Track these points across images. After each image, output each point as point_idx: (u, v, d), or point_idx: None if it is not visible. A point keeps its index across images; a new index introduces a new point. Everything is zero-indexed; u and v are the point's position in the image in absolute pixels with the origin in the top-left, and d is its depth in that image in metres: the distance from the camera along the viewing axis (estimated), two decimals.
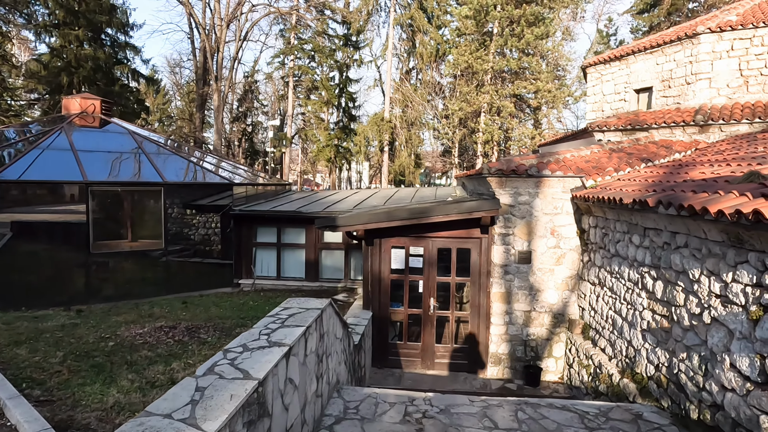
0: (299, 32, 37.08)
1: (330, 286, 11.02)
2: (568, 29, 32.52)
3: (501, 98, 25.10)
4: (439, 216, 7.58)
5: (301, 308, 4.72)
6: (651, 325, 5.33)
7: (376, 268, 8.32)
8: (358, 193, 13.72)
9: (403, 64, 37.77)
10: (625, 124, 11.67)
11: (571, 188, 7.72)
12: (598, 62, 14.06)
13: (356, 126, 37.79)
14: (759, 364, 3.54)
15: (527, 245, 7.88)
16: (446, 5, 33.92)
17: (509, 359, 8.08)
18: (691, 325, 4.52)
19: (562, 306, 7.93)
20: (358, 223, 7.66)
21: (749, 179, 4.35)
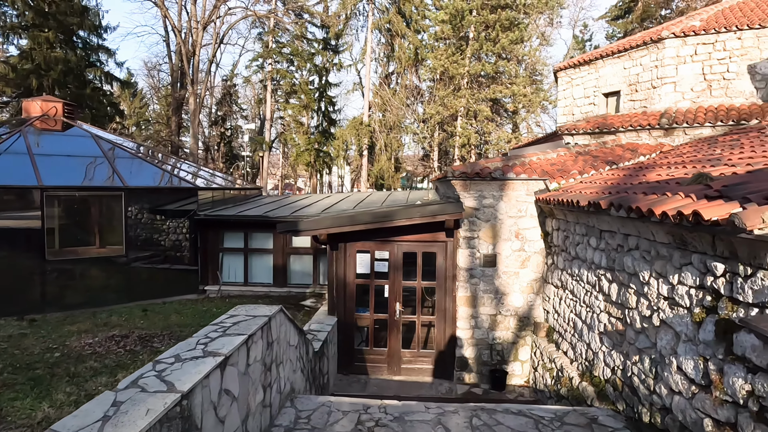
0: (277, 36, 36.85)
1: (298, 291, 10.85)
2: (544, 35, 32.94)
3: (477, 102, 25.24)
4: (402, 220, 7.50)
5: (248, 315, 4.57)
6: (607, 327, 5.30)
7: (341, 272, 8.19)
8: (330, 197, 13.59)
9: (383, 68, 37.80)
10: (594, 127, 11.76)
11: (535, 191, 7.71)
12: (568, 66, 14.17)
13: (336, 130, 37.66)
14: (702, 366, 3.50)
15: (492, 248, 7.84)
16: (424, 9, 34.03)
17: (475, 363, 8.01)
18: (642, 327, 4.49)
19: (528, 309, 7.90)
20: (321, 227, 7.53)
21: (697, 181, 4.34)
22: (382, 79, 36.84)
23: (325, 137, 38.03)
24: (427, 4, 34.20)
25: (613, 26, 36.55)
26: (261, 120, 43.29)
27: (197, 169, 15.22)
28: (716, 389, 3.34)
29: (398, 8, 33.57)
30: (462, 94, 25.46)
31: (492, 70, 24.93)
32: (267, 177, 40.04)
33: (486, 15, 24.21)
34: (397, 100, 31.51)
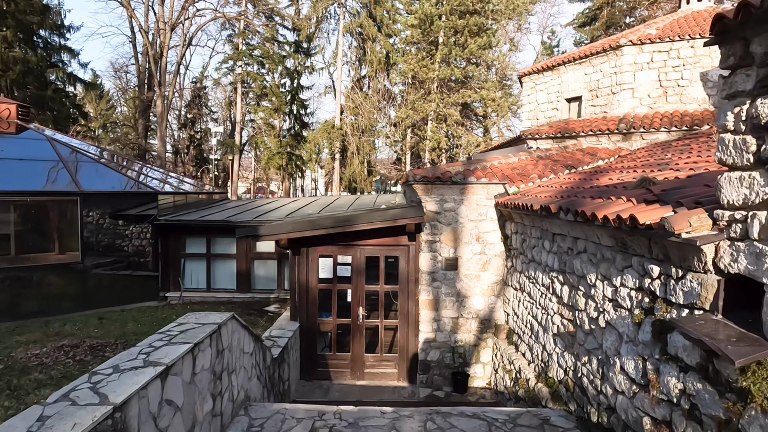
0: (247, 38, 36.46)
1: (262, 297, 10.72)
2: (513, 40, 33.48)
3: (447, 106, 25.46)
4: (363, 224, 7.48)
5: (197, 323, 4.48)
6: (560, 329, 5.39)
7: (303, 277, 8.12)
8: (296, 201, 13.49)
9: (355, 71, 37.76)
10: (556, 132, 11.99)
11: (495, 195, 7.80)
12: (532, 72, 14.42)
13: (308, 133, 37.43)
14: (642, 366, 3.59)
15: (454, 252, 7.90)
16: (396, 14, 34.19)
17: (438, 366, 8.04)
18: (590, 329, 4.58)
19: (489, 312, 7.98)
20: (282, 232, 7.45)
21: (641, 185, 4.46)
22: (354, 82, 36.81)
23: (297, 140, 37.75)
24: (399, 9, 34.35)
25: (580, 33, 37.41)
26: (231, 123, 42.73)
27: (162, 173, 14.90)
28: (653, 388, 3.42)
29: (369, 12, 33.63)
30: (432, 99, 25.66)
31: (461, 75, 25.22)
32: (238, 181, 39.49)
33: (455, 20, 24.48)
34: (368, 104, 31.54)
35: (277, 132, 37.94)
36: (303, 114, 39.75)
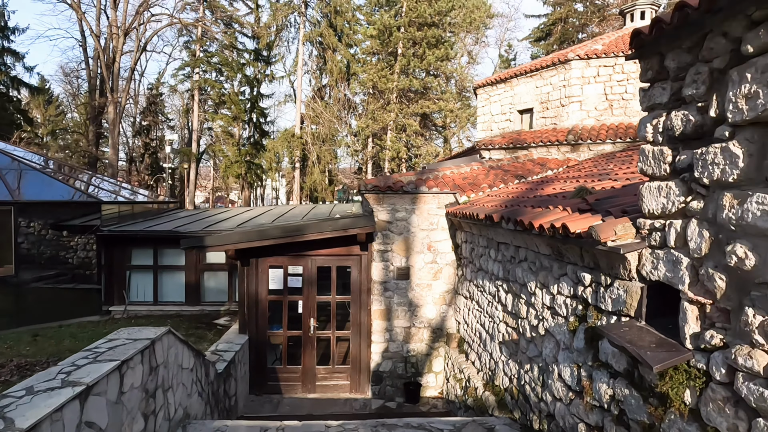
0: (205, 45, 35.77)
1: (212, 309, 10.40)
2: (471, 53, 34.22)
3: (406, 116, 25.67)
4: (313, 234, 7.37)
5: (128, 339, 4.26)
6: (505, 337, 5.44)
7: (252, 289, 7.91)
8: (250, 211, 13.21)
9: (316, 80, 37.60)
10: (508, 142, 12.24)
11: (445, 204, 7.85)
12: (486, 84, 14.70)
13: (268, 142, 36.94)
14: (577, 373, 3.64)
15: (405, 261, 7.88)
16: (356, 24, 34.35)
17: (390, 377, 7.97)
18: (531, 336, 4.63)
19: (441, 320, 7.99)
20: (229, 242, 7.25)
21: (578, 195, 4.57)
22: (315, 91, 36.65)
23: (257, 149, 37.17)
24: (359, 19, 34.54)
25: (536, 47, 38.63)
26: (189, 131, 41.69)
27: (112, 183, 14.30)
28: (587, 395, 3.47)
29: (330, 22, 33.64)
30: (391, 109, 25.85)
31: (420, 86, 25.52)
32: (195, 190, 38.49)
33: (413, 32, 24.80)
34: (329, 113, 31.45)
35: (237, 140, 37.27)
36: (263, 122, 39.26)
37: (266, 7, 36.77)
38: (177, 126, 46.69)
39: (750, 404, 2.02)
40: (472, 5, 29.96)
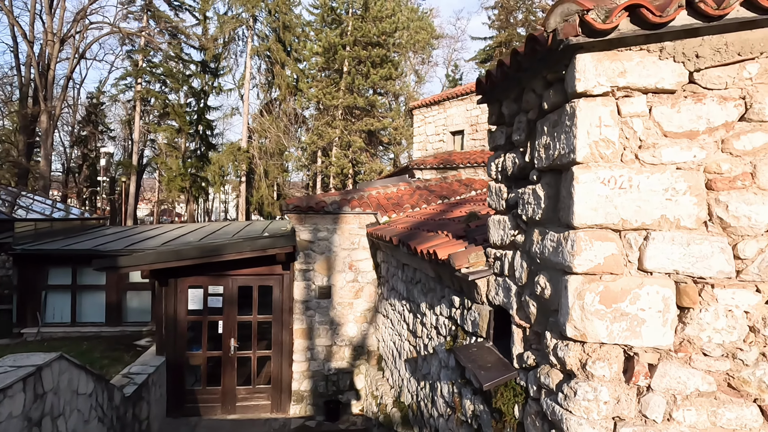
0: (149, 55, 34.91)
1: (134, 330, 10.11)
2: (418, 72, 35.10)
3: (351, 133, 25.97)
4: (232, 254, 7.39)
5: (12, 366, 4.17)
6: (408, 355, 5.65)
7: (171, 309, 7.80)
8: (181, 228, 12.98)
9: (264, 94, 37.39)
10: (439, 162, 12.66)
11: (367, 224, 8.05)
12: (421, 105, 15.17)
13: (213, 155, 36.27)
14: (451, 390, 3.87)
15: (327, 280, 8.01)
16: (305, 39, 34.52)
17: (311, 395, 8.03)
18: (425, 355, 4.86)
19: (362, 338, 8.14)
20: (142, 263, 7.14)
21: (468, 220, 4.87)
22: (264, 105, 36.41)
23: (203, 162, 36.40)
24: (309, 34, 34.74)
25: (481, 68, 40.05)
26: (130, 142, 40.31)
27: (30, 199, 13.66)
28: (457, 410, 3.70)
29: (278, 36, 33.66)
30: (336, 125, 26.08)
31: (365, 104, 25.91)
32: (136, 203, 37.17)
33: (358, 51, 25.26)
34: (275, 127, 31.30)
35: (181, 153, 36.39)
36: (210, 135, 38.51)
37: (214, 19, 36.43)
38: (118, 137, 45.08)
39: (548, 417, 2.29)
40: (418, 27, 30.86)
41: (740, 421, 1.95)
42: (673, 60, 1.95)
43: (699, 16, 1.84)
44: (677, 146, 1.97)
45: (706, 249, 1.96)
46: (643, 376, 2.02)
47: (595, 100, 2.01)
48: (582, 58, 1.99)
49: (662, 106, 1.98)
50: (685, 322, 1.99)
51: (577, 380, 2.10)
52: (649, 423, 2.01)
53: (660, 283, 2.00)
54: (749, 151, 1.94)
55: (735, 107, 1.94)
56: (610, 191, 2.01)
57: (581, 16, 1.88)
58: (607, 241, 2.02)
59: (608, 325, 2.02)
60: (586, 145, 2.01)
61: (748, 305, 1.95)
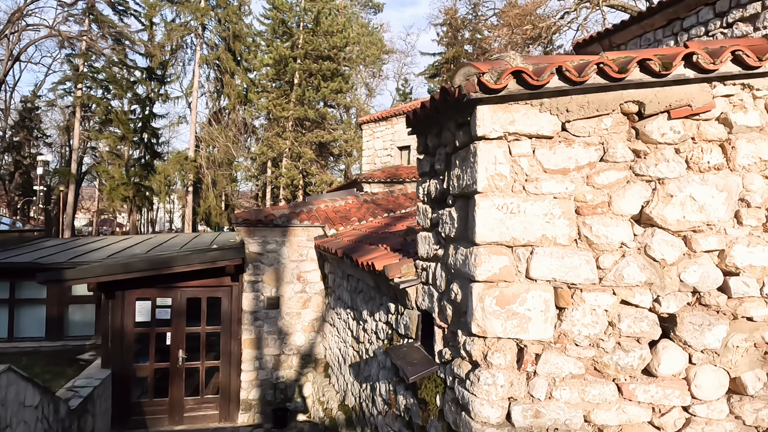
0: (90, 60, 33.71)
1: (76, 344, 9.93)
2: (368, 86, 35.80)
3: (301, 145, 26.19)
4: (181, 266, 7.53)
5: None
6: (353, 360, 6.04)
7: (117, 322, 7.81)
8: (126, 240, 12.80)
9: (213, 103, 36.90)
10: (386, 176, 13.18)
11: (315, 236, 8.40)
12: (370, 120, 15.70)
13: (159, 164, 35.34)
14: (388, 389, 4.30)
15: (276, 291, 8.27)
16: (256, 49, 34.43)
17: (260, 404, 8.23)
18: (366, 358, 5.27)
19: (309, 347, 8.44)
20: (90, 276, 7.17)
21: (407, 233, 5.34)
22: (212, 114, 35.91)
23: (148, 171, 35.35)
24: (260, 44, 34.68)
25: (431, 83, 41.31)
26: (69, 149, 38.58)
27: None
28: (392, 406, 4.13)
29: (228, 46, 33.43)
30: (287, 136, 26.24)
31: (315, 116, 26.23)
32: (74, 213, 35.52)
33: (309, 64, 25.61)
34: (224, 137, 30.99)
35: (124, 161, 35.24)
36: (155, 143, 37.42)
37: (161, 25, 35.73)
38: (55, 144, 43.06)
39: (459, 402, 2.75)
40: (368, 41, 31.58)
41: (602, 397, 2.48)
42: (550, 113, 2.49)
43: (566, 80, 2.38)
44: (554, 180, 2.50)
45: (576, 261, 2.49)
46: (530, 364, 2.52)
47: (492, 143, 2.51)
48: (481, 109, 2.50)
49: (542, 149, 2.51)
50: (562, 319, 2.51)
51: (480, 369, 2.57)
52: (535, 401, 2.51)
53: (542, 289, 2.51)
54: (606, 185, 2.49)
55: (596, 151, 2.50)
56: (503, 215, 2.51)
57: (478, 77, 2.38)
58: (501, 255, 2.52)
59: (503, 322, 2.51)
60: (485, 178, 2.51)
61: (607, 305, 2.49)
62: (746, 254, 2.43)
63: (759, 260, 2.43)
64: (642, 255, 2.48)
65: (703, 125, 2.46)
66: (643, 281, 2.46)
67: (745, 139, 2.45)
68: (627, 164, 2.49)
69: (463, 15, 36.41)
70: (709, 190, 2.44)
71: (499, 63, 2.47)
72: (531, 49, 26.77)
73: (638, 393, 2.47)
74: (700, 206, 2.44)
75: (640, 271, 2.45)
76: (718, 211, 2.44)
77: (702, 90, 2.43)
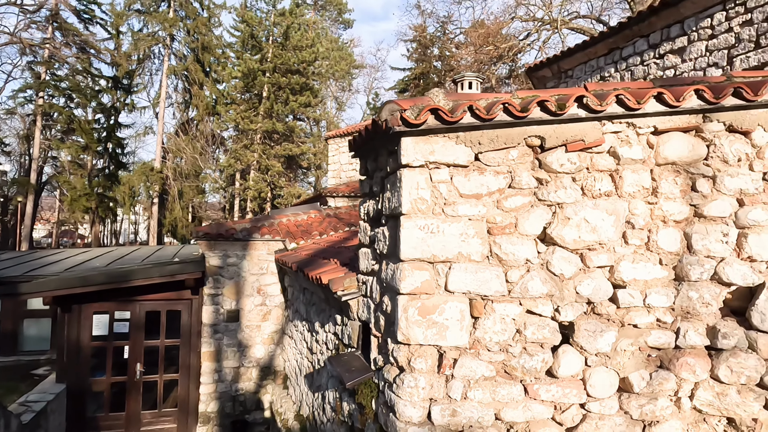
0: (53, 68, 33.01)
1: (30, 359, 9.76)
2: (338, 99, 36.17)
3: (269, 157, 26.26)
4: (140, 280, 7.59)
5: None
6: (308, 370, 6.24)
7: (74, 336, 7.79)
8: (87, 253, 12.65)
9: (181, 113, 36.54)
10: (350, 191, 13.46)
11: (275, 250, 8.58)
12: (336, 135, 15.98)
13: (124, 175, 34.69)
14: (335, 396, 4.53)
15: (236, 304, 8.39)
16: (225, 61, 34.39)
17: (218, 416, 8.29)
18: (319, 369, 5.49)
19: (269, 359, 8.57)
20: (46, 289, 7.16)
21: (358, 248, 5.61)
22: (180, 125, 35.55)
23: (112, 181, 34.65)
24: (230, 56, 34.65)
25: (400, 97, 41.94)
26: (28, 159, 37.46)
27: None
28: (338, 413, 4.37)
29: (197, 57, 33.28)
30: (255, 149, 26.27)
31: (284, 129, 26.38)
32: (33, 224, 34.44)
33: (278, 78, 25.80)
34: (192, 148, 30.75)
35: (88, 171, 34.46)
36: (120, 153, 36.71)
37: (128, 34, 35.33)
38: (15, 152, 41.71)
39: (388, 404, 3.02)
40: (338, 56, 32.01)
41: (510, 396, 2.80)
42: (465, 145, 2.82)
43: (477, 117, 2.72)
44: (468, 204, 2.82)
45: (488, 275, 2.81)
46: (449, 368, 2.81)
47: (415, 170, 2.83)
48: (405, 141, 2.81)
49: (459, 176, 2.84)
50: (476, 327, 2.82)
51: (405, 373, 2.85)
52: (452, 401, 2.80)
53: (459, 300, 2.82)
54: (513, 209, 2.83)
55: (504, 178, 2.84)
56: (425, 235, 2.81)
57: (401, 113, 2.69)
58: (423, 270, 2.82)
59: (424, 331, 2.80)
60: (409, 201, 2.81)
61: (515, 314, 2.82)
62: (631, 269, 2.80)
63: (642, 275, 2.80)
64: (544, 270, 2.82)
65: (596, 157, 2.84)
66: (545, 293, 2.80)
67: (630, 169, 2.83)
68: (531, 191, 2.84)
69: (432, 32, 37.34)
70: (600, 214, 2.80)
71: (422, 100, 2.79)
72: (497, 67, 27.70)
73: (541, 392, 2.80)
74: (593, 227, 2.80)
75: (543, 284, 2.79)
76: (608, 231, 2.81)
77: (593, 127, 2.81)
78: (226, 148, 34.40)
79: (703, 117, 2.84)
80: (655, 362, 2.84)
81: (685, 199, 2.84)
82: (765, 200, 2.81)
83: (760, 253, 2.79)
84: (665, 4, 6.99)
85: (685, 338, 2.81)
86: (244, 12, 28.23)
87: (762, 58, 6.01)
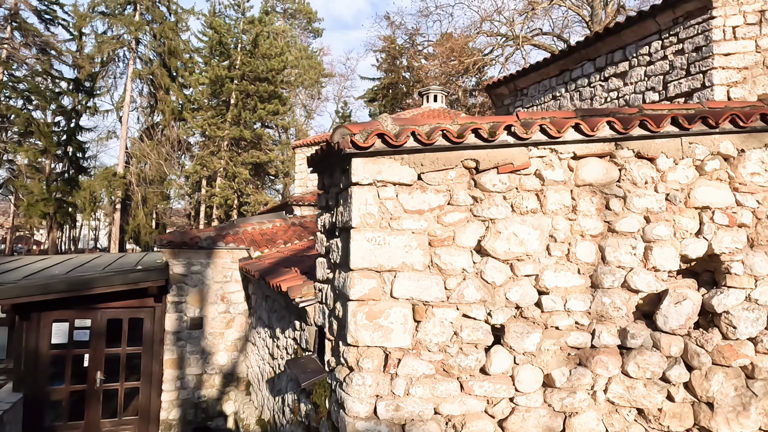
0: (11, 68, 32.01)
1: None
2: (306, 107, 36.30)
3: (236, 165, 26.18)
4: (102, 287, 7.62)
5: None
6: (269, 376, 6.43)
7: (32, 344, 7.73)
8: (46, 260, 12.40)
9: (146, 118, 35.94)
10: (316, 200, 13.65)
11: (239, 259, 8.73)
12: (303, 145, 16.18)
13: (85, 180, 33.82)
14: (293, 398, 4.76)
15: (199, 311, 8.49)
16: (193, 66, 34.10)
17: (180, 423, 8.34)
18: (279, 373, 5.70)
19: (232, 366, 8.68)
20: (4, 297, 7.11)
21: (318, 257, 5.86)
22: (145, 130, 34.96)
23: (71, 186, 33.69)
24: (198, 61, 34.38)
25: (370, 107, 42.40)
26: None
27: None
28: (296, 414, 4.60)
29: (163, 62, 32.92)
30: (221, 156, 26.15)
31: (251, 137, 26.36)
32: None
33: (246, 85, 25.82)
34: (156, 153, 30.30)
35: (45, 176, 33.44)
36: (81, 157, 35.78)
37: (92, 36, 34.63)
38: None
39: (339, 402, 3.29)
40: (307, 65, 32.21)
41: (448, 392, 3.11)
42: (408, 166, 3.15)
43: (419, 142, 3.04)
44: (412, 219, 3.14)
45: (429, 283, 3.13)
46: (393, 367, 3.11)
47: (364, 188, 3.13)
48: (355, 161, 3.11)
49: (403, 194, 3.16)
50: (418, 330, 3.13)
51: (354, 372, 3.13)
52: (396, 397, 3.09)
53: (403, 306, 3.12)
54: (452, 223, 3.17)
55: (444, 196, 3.18)
56: (372, 246, 3.11)
57: (351, 137, 2.99)
58: (371, 279, 3.11)
59: (371, 334, 3.09)
60: (358, 216, 3.11)
61: (452, 318, 3.14)
62: (554, 278, 3.17)
63: (563, 282, 3.18)
64: (478, 278, 3.16)
65: (523, 178, 3.21)
66: (479, 299, 3.14)
67: (553, 190, 3.21)
68: (467, 207, 3.18)
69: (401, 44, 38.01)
70: (527, 229, 3.17)
71: (371, 125, 3.10)
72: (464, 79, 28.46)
73: (476, 388, 3.12)
74: (521, 241, 3.16)
75: (477, 291, 3.13)
76: (534, 244, 3.18)
77: (521, 152, 3.18)
78: (192, 154, 34.03)
79: (616, 144, 3.26)
80: (574, 360, 3.21)
81: (600, 216, 3.24)
82: (667, 218, 3.24)
83: (663, 264, 3.21)
84: (609, 32, 7.56)
85: (600, 339, 3.20)
86: (213, 19, 28.18)
87: (692, 84, 6.60)
